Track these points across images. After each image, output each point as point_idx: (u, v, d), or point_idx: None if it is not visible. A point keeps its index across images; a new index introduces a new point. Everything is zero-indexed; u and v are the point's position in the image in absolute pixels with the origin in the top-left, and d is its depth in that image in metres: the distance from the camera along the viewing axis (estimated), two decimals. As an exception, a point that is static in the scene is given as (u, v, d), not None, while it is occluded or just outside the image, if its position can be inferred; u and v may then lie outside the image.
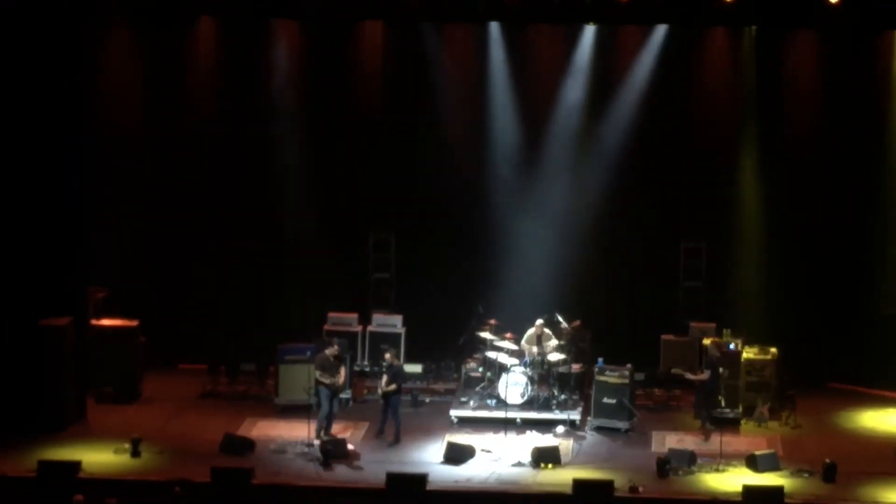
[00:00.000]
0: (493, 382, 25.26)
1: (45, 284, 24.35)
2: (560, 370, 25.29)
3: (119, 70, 27.23)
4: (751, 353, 25.57)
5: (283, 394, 25.33)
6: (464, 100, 27.62)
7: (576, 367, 25.60)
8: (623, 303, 27.29)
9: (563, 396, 25.14)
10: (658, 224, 27.35)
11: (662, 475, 22.26)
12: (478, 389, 25.63)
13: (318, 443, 23.15)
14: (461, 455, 22.98)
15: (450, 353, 26.95)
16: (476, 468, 22.70)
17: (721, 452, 22.96)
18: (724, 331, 26.12)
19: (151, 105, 27.45)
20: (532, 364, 25.13)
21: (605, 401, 24.65)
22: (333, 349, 24.00)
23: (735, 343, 25.53)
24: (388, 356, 24.19)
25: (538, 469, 22.66)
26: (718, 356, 24.50)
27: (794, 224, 27.12)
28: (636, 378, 25.31)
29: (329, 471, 22.42)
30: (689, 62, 27.15)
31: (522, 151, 27.61)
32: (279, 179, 27.61)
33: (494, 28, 27.23)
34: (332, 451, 22.82)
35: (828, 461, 22.24)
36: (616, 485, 21.45)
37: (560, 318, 25.72)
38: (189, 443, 23.58)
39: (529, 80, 27.51)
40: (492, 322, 26.03)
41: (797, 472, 22.42)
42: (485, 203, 27.66)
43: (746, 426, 24.86)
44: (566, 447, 23.63)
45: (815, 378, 26.60)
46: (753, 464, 22.61)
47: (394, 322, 27.48)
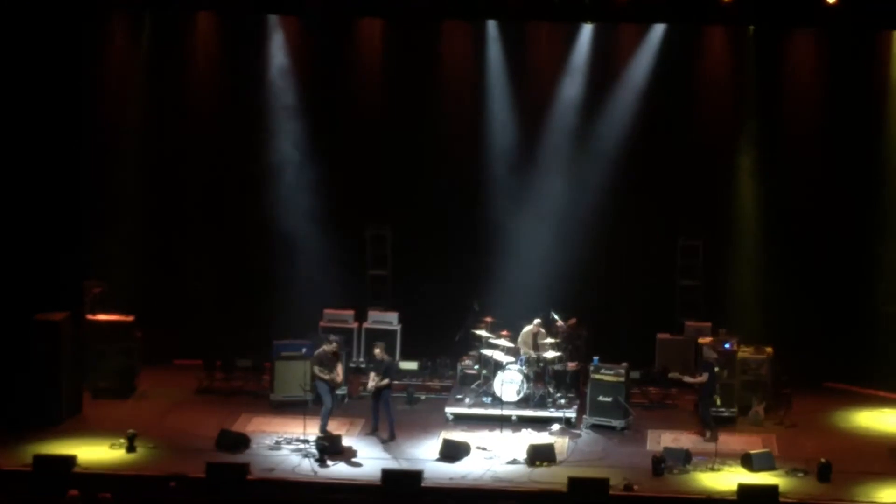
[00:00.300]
0: (489, 380, 25.27)
1: (42, 279, 24.35)
2: (556, 368, 25.30)
3: (117, 65, 27.21)
4: (746, 353, 25.57)
5: (279, 390, 25.31)
6: (462, 97, 27.62)
7: (571, 365, 25.62)
8: (619, 301, 27.28)
9: (559, 394, 25.16)
10: (655, 222, 27.32)
11: (658, 473, 22.27)
12: (473, 387, 25.64)
13: (315, 438, 23.12)
14: (457, 452, 22.97)
15: (446, 351, 26.95)
16: (471, 465, 22.68)
17: (716, 451, 22.98)
18: (720, 330, 26.14)
19: (149, 101, 27.40)
20: (528, 362, 25.14)
21: (601, 399, 24.64)
22: (332, 345, 23.97)
23: (731, 342, 25.53)
24: (378, 350, 24.10)
25: (533, 467, 22.66)
26: (715, 357, 24.46)
27: (791, 223, 27.11)
28: (632, 376, 25.34)
29: (324, 467, 22.41)
30: (688, 61, 27.13)
31: (520, 149, 27.59)
32: (276, 174, 27.59)
33: (493, 26, 27.22)
34: (328, 447, 22.80)
35: (823, 460, 22.24)
36: (611, 483, 21.42)
37: (556, 316, 25.74)
38: (184, 438, 23.57)
39: (527, 78, 27.50)
40: (488, 319, 26.07)
41: (792, 472, 22.42)
42: (481, 200, 27.66)
43: (742, 425, 24.87)
44: (561, 445, 23.62)
45: (811, 377, 26.57)
46: (748, 463, 22.60)
47: (390, 319, 27.50)
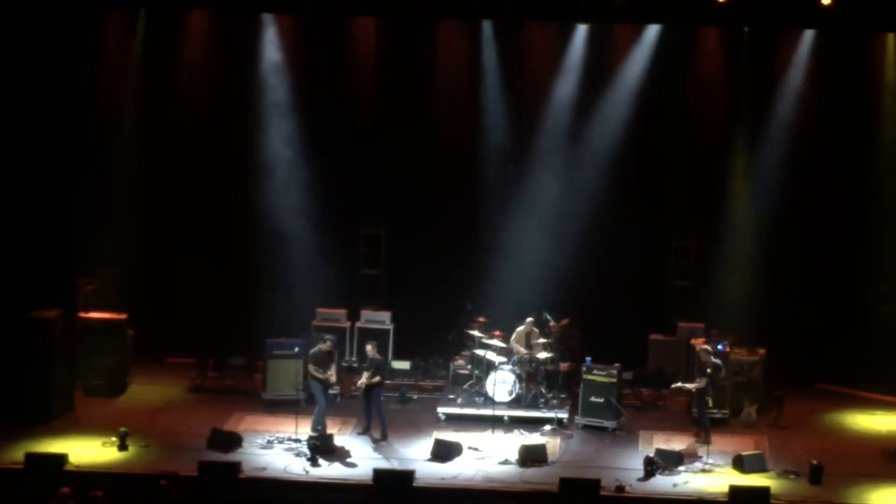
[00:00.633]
0: (482, 380, 25.27)
1: (35, 277, 24.29)
2: (548, 368, 25.32)
3: (111, 63, 27.21)
4: (739, 354, 25.57)
5: (271, 389, 25.29)
6: (456, 96, 27.64)
7: (564, 366, 25.64)
8: (612, 302, 27.28)
9: (551, 395, 25.16)
10: (648, 223, 27.34)
11: (649, 475, 22.27)
12: (466, 387, 25.64)
13: (307, 437, 23.11)
14: (448, 452, 22.95)
15: (438, 350, 26.94)
16: (463, 465, 22.66)
17: (708, 452, 22.97)
18: (713, 331, 26.14)
19: (143, 98, 27.41)
20: (520, 362, 25.14)
21: (593, 399, 24.63)
22: (327, 345, 23.95)
23: (724, 343, 25.52)
24: (370, 348, 24.07)
25: (525, 467, 22.66)
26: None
27: (784, 225, 27.13)
28: (624, 377, 25.34)
29: (316, 466, 22.38)
30: (682, 62, 27.15)
31: (513, 149, 27.61)
32: (269, 173, 27.58)
33: (487, 26, 27.22)
34: (320, 447, 22.78)
35: (814, 462, 22.25)
36: (602, 484, 21.43)
37: (549, 317, 25.74)
38: (176, 437, 23.54)
39: (522, 78, 27.51)
40: (481, 319, 26.08)
41: (784, 473, 22.42)
42: (475, 200, 27.69)
43: (734, 426, 24.86)
44: (553, 445, 23.61)
45: (803, 379, 26.60)
46: (740, 464, 22.61)
47: (382, 318, 27.49)
